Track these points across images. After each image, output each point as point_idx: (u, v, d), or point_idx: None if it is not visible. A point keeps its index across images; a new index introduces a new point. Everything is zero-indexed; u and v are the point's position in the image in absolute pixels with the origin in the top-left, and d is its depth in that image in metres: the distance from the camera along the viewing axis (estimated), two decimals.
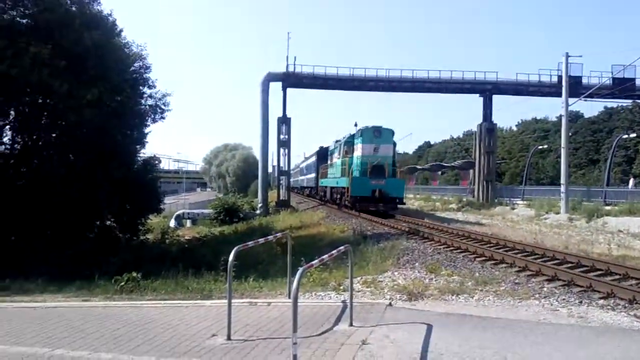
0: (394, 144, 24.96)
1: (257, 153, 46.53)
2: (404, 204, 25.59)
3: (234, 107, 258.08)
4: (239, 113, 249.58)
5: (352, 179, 23.73)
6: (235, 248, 6.10)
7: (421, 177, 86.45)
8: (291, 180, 42.59)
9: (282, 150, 37.26)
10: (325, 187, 33.40)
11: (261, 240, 7.31)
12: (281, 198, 37.66)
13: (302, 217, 27.22)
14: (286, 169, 38.02)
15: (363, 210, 23.68)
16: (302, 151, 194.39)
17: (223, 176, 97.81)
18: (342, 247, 6.08)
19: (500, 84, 37.36)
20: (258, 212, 34.41)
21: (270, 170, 70.75)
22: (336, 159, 29.06)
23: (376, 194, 22.96)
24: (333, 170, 29.96)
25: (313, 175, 43.86)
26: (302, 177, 53.96)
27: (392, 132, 24.25)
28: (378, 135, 23.80)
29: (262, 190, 35.96)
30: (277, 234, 8.38)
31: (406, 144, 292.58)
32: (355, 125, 28.20)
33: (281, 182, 38.48)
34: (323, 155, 38.09)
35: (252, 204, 37.97)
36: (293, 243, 8.47)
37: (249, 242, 6.75)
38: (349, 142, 26.67)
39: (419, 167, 70.00)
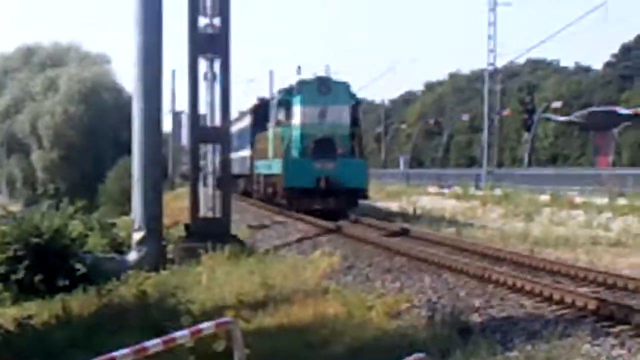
0: (356, 102, 25.42)
1: (129, 79, 18.46)
2: (367, 197, 25.75)
3: None
4: None
5: (285, 162, 24.13)
6: None
7: (630, 137, 55.49)
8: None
9: (207, 66, 20.13)
10: (259, 175, 31.49)
11: (152, 344, 4.94)
12: (201, 215, 21.35)
13: (268, 271, 15.53)
14: (219, 122, 21.20)
15: (304, 210, 23.78)
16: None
17: (22, 146, 61.11)
18: None
19: None
20: (133, 256, 20.60)
21: (167, 127, 54.03)
22: (270, 128, 29.13)
23: (322, 184, 23.07)
24: (268, 147, 29.19)
25: (247, 152, 34.81)
26: (231, 156, 38.00)
27: (346, 86, 25.12)
28: (326, 91, 23.95)
29: (142, 190, 20.30)
30: (201, 326, 5.24)
31: (588, 53, 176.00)
32: (298, 70, 27.33)
33: (204, 163, 22.70)
34: (263, 115, 31.23)
35: (112, 232, 22.84)
36: (248, 353, 5.81)
37: (116, 353, 4.74)
38: (285, 101, 26.30)
39: (623, 110, 48.20)
